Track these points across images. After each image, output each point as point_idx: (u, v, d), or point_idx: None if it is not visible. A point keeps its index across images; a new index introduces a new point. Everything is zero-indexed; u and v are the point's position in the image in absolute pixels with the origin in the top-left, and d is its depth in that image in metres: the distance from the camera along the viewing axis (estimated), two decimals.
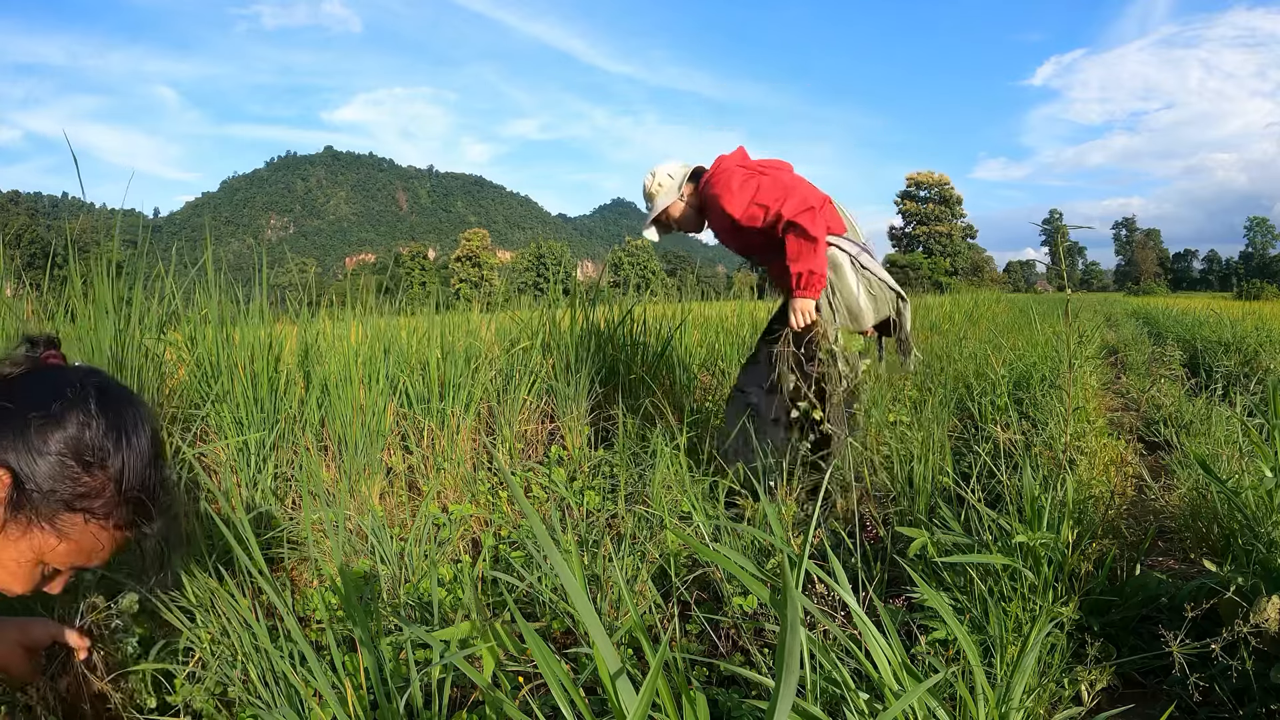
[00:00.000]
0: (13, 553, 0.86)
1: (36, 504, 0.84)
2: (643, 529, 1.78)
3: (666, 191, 2.53)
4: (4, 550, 0.86)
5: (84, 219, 2.94)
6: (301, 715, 1.07)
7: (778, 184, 2.26)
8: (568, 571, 0.73)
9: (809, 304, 2.24)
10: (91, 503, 0.86)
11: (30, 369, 0.89)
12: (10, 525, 0.84)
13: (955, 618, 1.08)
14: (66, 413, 0.85)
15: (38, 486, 0.83)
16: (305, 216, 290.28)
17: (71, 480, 0.85)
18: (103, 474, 0.86)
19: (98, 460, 0.86)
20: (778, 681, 0.70)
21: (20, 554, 0.86)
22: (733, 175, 2.34)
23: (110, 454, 0.86)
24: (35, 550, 0.87)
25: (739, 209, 2.28)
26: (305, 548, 1.77)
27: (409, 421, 2.52)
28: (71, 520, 0.86)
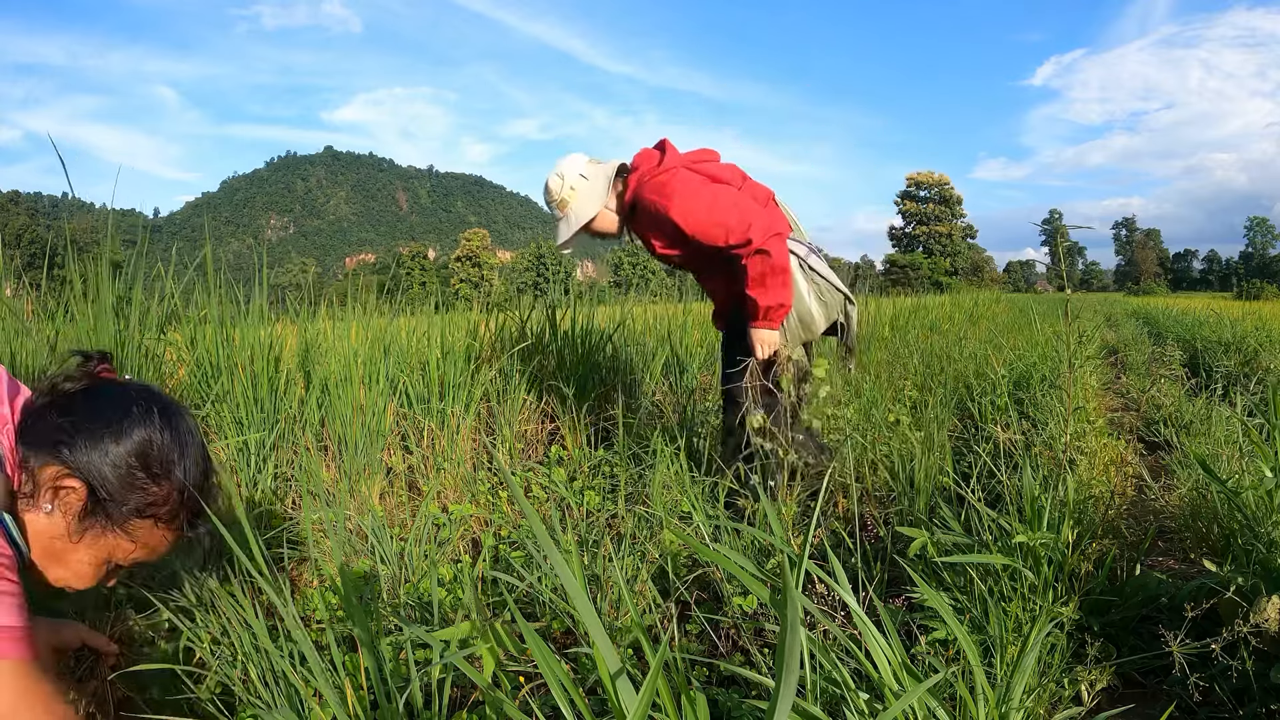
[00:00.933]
0: (85, 555, 0.94)
1: (110, 511, 0.92)
2: (643, 529, 1.78)
3: (585, 197, 2.14)
4: (77, 553, 0.94)
5: (84, 219, 2.94)
6: (301, 715, 1.07)
7: (738, 200, 2.02)
8: (568, 571, 0.73)
9: (774, 335, 2.04)
10: (159, 509, 0.95)
11: (89, 384, 0.97)
12: (85, 532, 0.92)
13: (955, 618, 1.08)
14: (134, 428, 0.94)
15: (110, 496, 0.92)
16: (305, 216, 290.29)
17: (141, 490, 0.93)
18: (168, 483, 0.96)
19: (164, 470, 0.95)
20: (778, 681, 0.70)
21: (93, 556, 0.95)
22: (683, 182, 2.04)
23: (174, 465, 0.96)
24: (107, 552, 0.95)
25: (693, 223, 1.99)
26: (305, 548, 1.77)
27: (409, 421, 2.52)
28: (141, 524, 0.95)
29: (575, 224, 2.15)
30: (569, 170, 2.16)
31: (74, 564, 0.94)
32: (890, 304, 8.01)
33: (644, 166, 2.11)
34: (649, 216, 2.08)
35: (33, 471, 0.90)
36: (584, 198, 2.15)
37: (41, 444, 0.91)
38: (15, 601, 0.82)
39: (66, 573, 0.95)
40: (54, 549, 0.93)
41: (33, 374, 1.71)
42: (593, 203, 2.14)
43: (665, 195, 2.02)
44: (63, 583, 0.97)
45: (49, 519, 0.91)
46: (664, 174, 2.06)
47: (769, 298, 1.99)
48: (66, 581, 0.97)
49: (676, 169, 2.07)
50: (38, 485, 0.90)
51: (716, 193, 2.03)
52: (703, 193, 2.02)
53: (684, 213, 1.99)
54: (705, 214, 1.98)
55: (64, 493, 0.91)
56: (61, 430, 0.91)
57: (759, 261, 1.97)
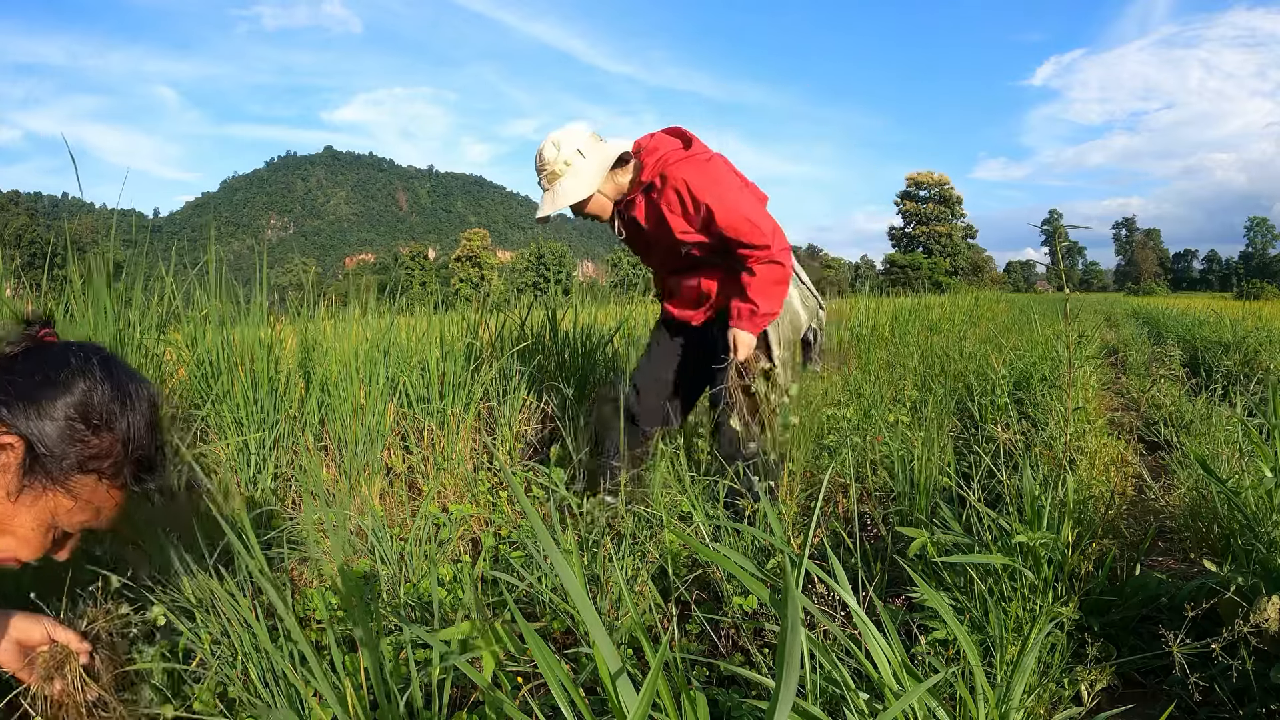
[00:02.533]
0: (27, 518, 0.90)
1: (49, 468, 0.89)
2: (643, 529, 1.78)
3: (579, 176, 2.04)
4: (19, 515, 0.90)
5: (84, 219, 2.94)
6: (301, 715, 1.07)
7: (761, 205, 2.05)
8: (568, 571, 0.73)
9: (754, 339, 2.05)
10: (101, 463, 0.91)
11: (30, 346, 0.93)
12: (25, 491, 0.89)
13: (955, 618, 1.08)
14: (73, 380, 0.90)
15: (49, 450, 0.88)
16: (305, 216, 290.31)
17: (82, 442, 0.90)
18: (110, 435, 0.92)
19: (105, 422, 0.91)
20: (778, 681, 0.70)
21: (35, 518, 0.91)
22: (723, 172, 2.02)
23: (117, 416, 0.92)
24: (50, 513, 0.91)
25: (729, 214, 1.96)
26: (305, 548, 1.77)
27: (409, 421, 2.52)
28: (83, 480, 0.91)
29: (562, 202, 2.05)
30: (567, 142, 2.05)
31: (17, 529, 0.91)
32: (890, 304, 8.01)
33: (664, 149, 2.05)
34: (680, 196, 2.01)
35: None
36: (578, 176, 2.04)
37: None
38: None
39: (12, 541, 0.92)
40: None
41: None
42: (586, 184, 2.05)
43: (707, 178, 1.98)
44: (9, 553, 0.93)
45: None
46: (700, 159, 2.02)
47: (767, 305, 2.00)
48: (13, 551, 0.93)
49: (715, 156, 2.05)
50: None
51: (748, 194, 2.05)
52: (738, 186, 2.02)
53: (721, 200, 1.96)
54: (744, 208, 1.97)
55: (2, 451, 0.87)
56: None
57: (772, 270, 1.98)
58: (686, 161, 2.01)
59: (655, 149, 2.06)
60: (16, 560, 0.94)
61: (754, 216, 1.97)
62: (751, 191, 2.16)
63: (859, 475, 2.25)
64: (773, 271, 1.98)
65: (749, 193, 2.08)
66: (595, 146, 2.07)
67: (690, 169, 2.00)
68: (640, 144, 2.12)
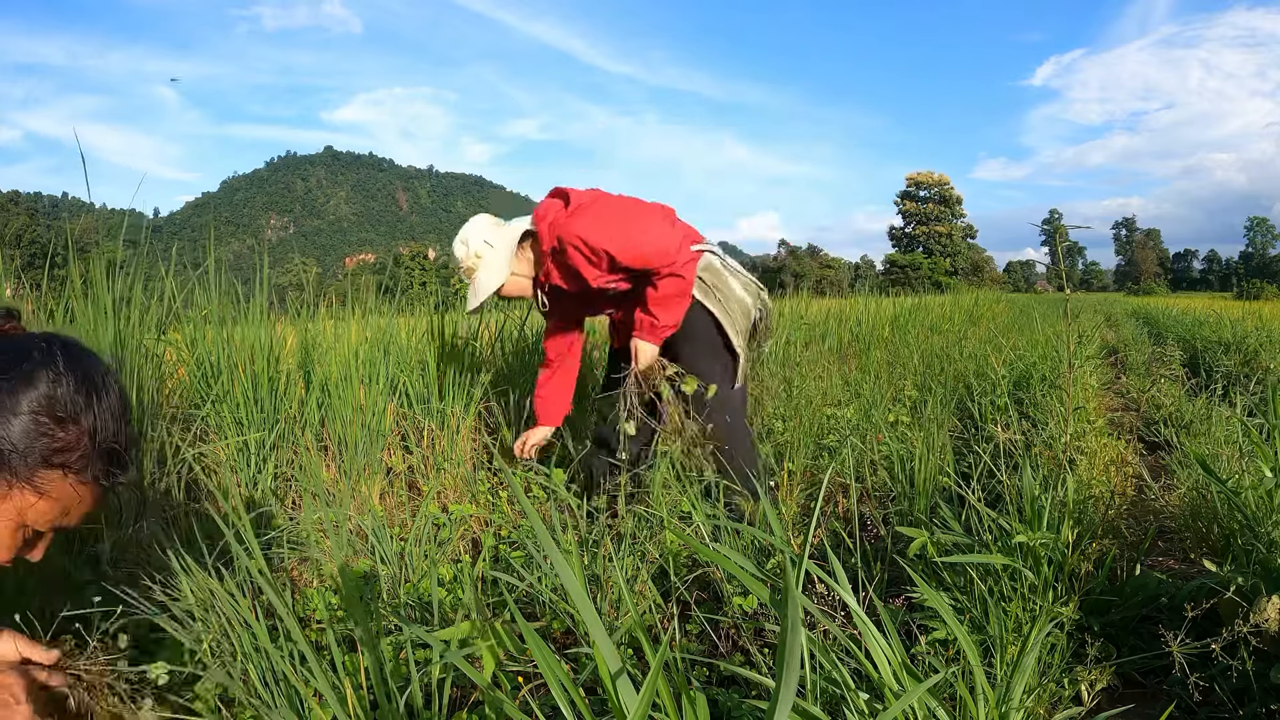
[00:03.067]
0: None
1: (14, 465, 0.85)
2: (643, 529, 1.78)
3: (490, 266, 2.11)
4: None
5: (84, 219, 2.94)
6: (301, 715, 1.07)
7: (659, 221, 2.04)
8: (568, 571, 0.73)
9: (655, 350, 2.09)
10: (68, 456, 0.87)
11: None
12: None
13: (955, 618, 1.08)
14: (36, 372, 0.86)
15: (14, 446, 0.84)
16: (305, 216, 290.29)
17: (47, 437, 0.86)
18: (76, 428, 0.88)
19: (70, 415, 0.87)
20: (778, 681, 0.70)
21: (3, 518, 0.87)
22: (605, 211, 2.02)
23: (83, 408, 0.88)
24: (18, 512, 0.88)
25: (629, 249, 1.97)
26: (305, 548, 1.77)
27: (409, 421, 2.52)
28: (50, 476, 0.87)
29: (482, 293, 2.12)
30: (473, 237, 2.13)
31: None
32: (890, 304, 8.01)
33: (551, 214, 2.09)
34: (580, 251, 2.03)
35: None
36: (488, 266, 2.12)
37: None
38: None
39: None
40: None
41: None
42: (498, 272, 2.11)
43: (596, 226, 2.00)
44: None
45: None
46: (584, 209, 2.04)
47: (668, 317, 2.04)
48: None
49: (596, 199, 2.07)
50: None
51: (643, 214, 2.05)
52: (627, 217, 2.03)
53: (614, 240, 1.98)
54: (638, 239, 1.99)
55: None
56: None
57: (673, 283, 2.01)
58: (572, 218, 2.04)
59: (544, 216, 2.11)
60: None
61: (650, 242, 1.99)
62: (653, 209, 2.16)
63: (859, 475, 2.25)
64: (673, 284, 2.01)
65: (642, 214, 2.07)
66: (499, 234, 2.14)
67: (578, 223, 2.02)
68: (536, 215, 2.16)
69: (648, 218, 2.04)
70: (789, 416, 2.75)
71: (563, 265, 2.10)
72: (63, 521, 0.92)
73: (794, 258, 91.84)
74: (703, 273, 2.15)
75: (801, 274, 71.87)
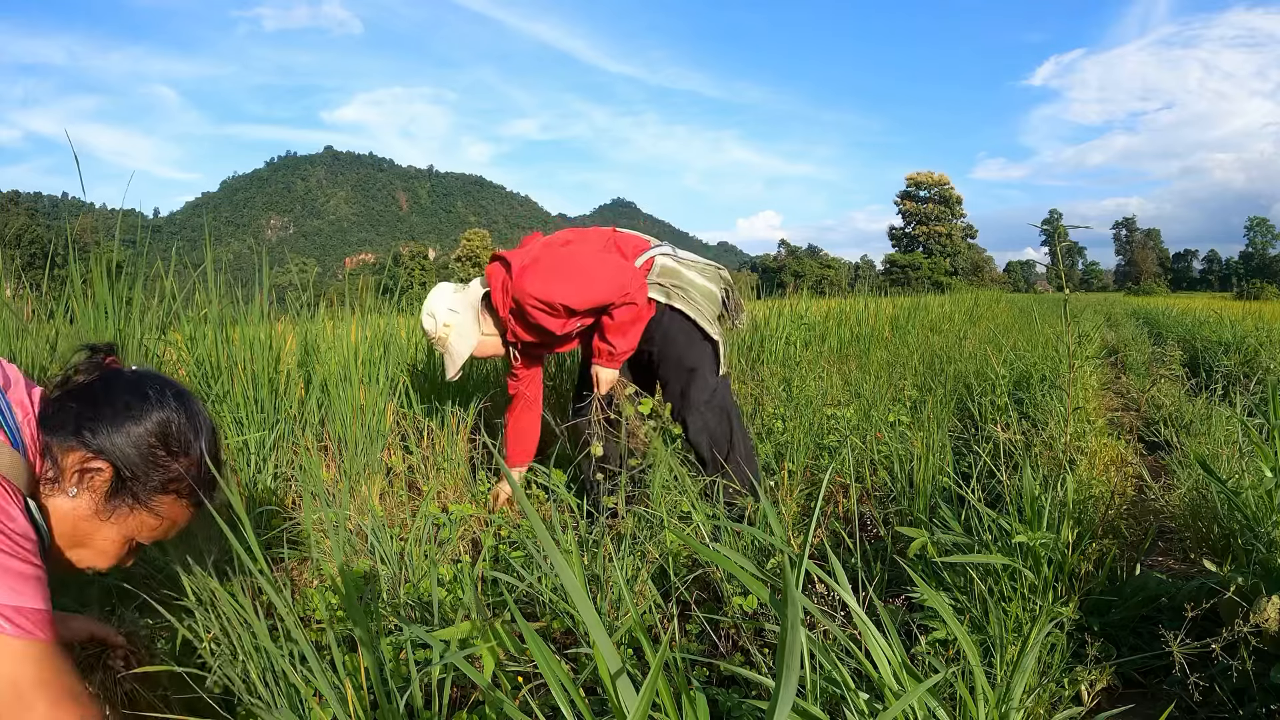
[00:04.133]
0: (111, 533, 0.99)
1: (135, 490, 0.98)
2: (643, 529, 1.78)
3: (460, 334, 2.16)
4: (103, 531, 0.99)
5: (84, 219, 2.94)
6: (301, 715, 1.07)
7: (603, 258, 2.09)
8: (568, 571, 0.73)
9: (615, 374, 2.15)
10: (180, 484, 1.02)
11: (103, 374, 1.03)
12: (115, 512, 0.98)
13: (955, 618, 1.08)
14: (153, 410, 1.00)
15: (134, 475, 0.98)
16: (305, 216, 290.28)
17: (163, 468, 1.00)
18: (187, 459, 1.02)
19: (182, 448, 1.02)
20: (778, 681, 0.70)
21: (119, 534, 1.00)
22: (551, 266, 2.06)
23: (191, 442, 1.03)
24: (133, 529, 1.01)
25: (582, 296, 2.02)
26: (305, 548, 1.77)
27: (409, 421, 2.52)
28: (164, 500, 1.01)
29: (459, 358, 2.17)
30: (438, 308, 2.17)
31: (100, 543, 0.99)
32: (890, 304, 8.01)
33: (500, 277, 2.14)
34: (538, 307, 2.07)
35: (56, 458, 0.95)
36: (459, 333, 2.17)
37: (64, 431, 0.96)
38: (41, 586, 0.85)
39: (90, 553, 1.00)
40: (80, 530, 0.98)
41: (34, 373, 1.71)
42: (468, 338, 2.17)
43: (547, 280, 2.04)
44: (85, 563, 1.01)
45: (73, 502, 0.96)
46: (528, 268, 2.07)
47: (624, 344, 2.10)
48: (90, 562, 1.01)
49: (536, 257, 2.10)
50: (62, 470, 0.95)
51: (587, 258, 2.10)
52: (575, 266, 2.07)
53: (567, 291, 2.02)
54: (588, 284, 2.03)
55: (90, 475, 0.96)
56: (83, 416, 0.97)
57: (627, 311, 2.06)
58: (522, 277, 2.07)
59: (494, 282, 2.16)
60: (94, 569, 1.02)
61: (601, 283, 2.03)
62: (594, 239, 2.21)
63: (859, 475, 2.25)
64: (628, 312, 2.06)
65: (586, 258, 2.10)
66: (461, 300, 2.19)
67: (529, 281, 2.06)
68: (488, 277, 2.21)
69: (592, 260, 2.10)
70: (789, 416, 2.75)
71: (525, 323, 2.15)
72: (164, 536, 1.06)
73: (794, 258, 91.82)
74: (659, 278, 2.18)
75: (801, 274, 71.86)
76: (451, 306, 2.18)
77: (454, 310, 2.17)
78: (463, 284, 2.27)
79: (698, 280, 2.21)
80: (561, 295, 2.02)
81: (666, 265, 2.21)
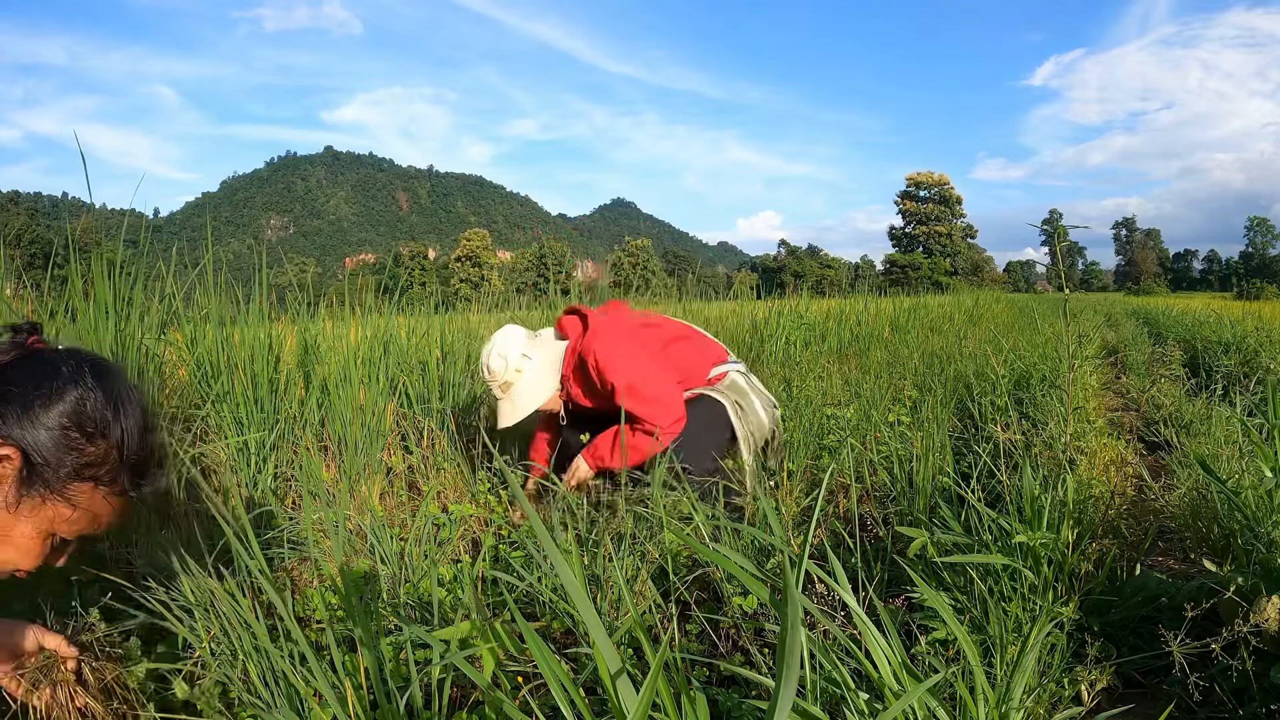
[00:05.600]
0: (26, 528, 0.91)
1: (47, 477, 0.89)
2: (643, 529, 1.78)
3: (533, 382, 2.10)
4: (18, 526, 0.91)
5: (85, 219, 2.95)
6: (301, 715, 1.07)
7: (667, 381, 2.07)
8: (568, 571, 0.73)
9: (589, 473, 2.11)
10: (98, 470, 0.92)
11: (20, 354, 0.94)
12: (24, 501, 0.89)
13: (955, 618, 1.08)
14: (65, 388, 0.90)
15: (45, 460, 0.89)
16: (305, 216, 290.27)
17: (77, 450, 0.90)
18: (104, 442, 0.92)
19: (99, 430, 0.92)
20: (778, 681, 0.70)
21: (34, 528, 0.91)
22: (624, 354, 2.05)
23: (110, 423, 0.93)
24: (49, 522, 0.92)
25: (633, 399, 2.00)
26: (305, 548, 1.77)
27: (409, 421, 2.52)
28: (80, 488, 0.92)
29: (524, 408, 2.10)
30: (511, 350, 2.10)
31: (17, 539, 0.91)
32: (890, 304, 8.01)
33: (573, 334, 2.14)
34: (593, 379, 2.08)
35: None
36: (529, 384, 2.10)
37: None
38: None
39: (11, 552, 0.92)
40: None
41: None
42: (539, 391, 2.11)
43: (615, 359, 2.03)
44: (9, 565, 0.94)
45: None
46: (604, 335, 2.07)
47: (617, 462, 2.03)
48: (13, 563, 0.93)
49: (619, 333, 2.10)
50: None
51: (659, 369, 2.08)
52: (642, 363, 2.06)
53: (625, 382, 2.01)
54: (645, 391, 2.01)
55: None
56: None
57: (644, 440, 2.02)
58: (594, 338, 2.07)
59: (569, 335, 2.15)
60: (19, 571, 0.95)
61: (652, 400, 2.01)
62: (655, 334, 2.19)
63: (859, 475, 2.25)
64: (645, 441, 2.02)
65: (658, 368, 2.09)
66: (537, 350, 2.14)
67: (598, 345, 2.05)
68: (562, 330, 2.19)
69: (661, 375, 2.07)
70: (789, 416, 2.75)
71: (584, 380, 2.13)
72: (90, 530, 0.96)
73: (794, 258, 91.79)
74: (727, 389, 2.19)
75: (801, 274, 71.85)
76: (525, 352, 2.10)
77: (527, 357, 2.10)
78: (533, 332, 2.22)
79: (757, 407, 2.22)
80: (618, 378, 2.00)
81: (737, 383, 2.22)
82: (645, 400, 2.00)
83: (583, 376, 2.13)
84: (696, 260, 56.43)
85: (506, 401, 2.12)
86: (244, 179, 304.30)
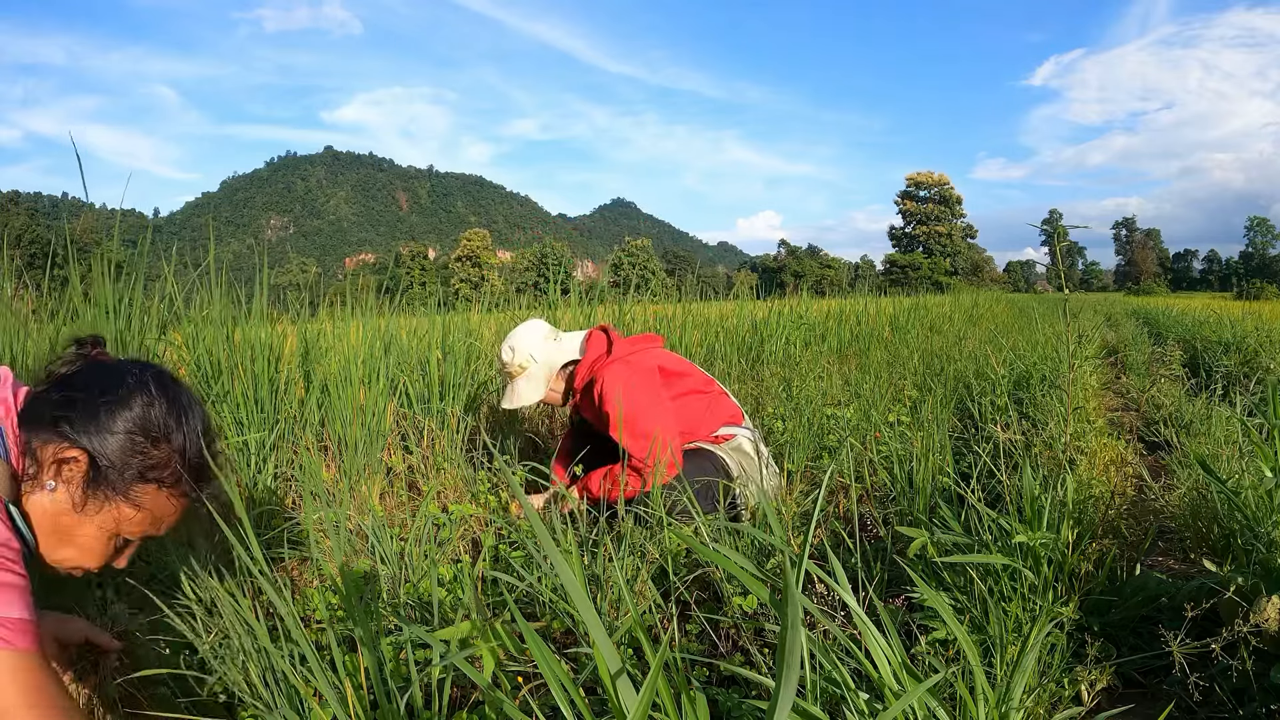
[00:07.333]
0: (91, 529, 0.96)
1: (112, 480, 0.95)
2: (643, 529, 1.78)
3: (531, 382, 2.21)
4: (84, 526, 0.95)
5: (84, 219, 2.95)
6: (301, 715, 1.07)
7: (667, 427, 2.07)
8: (568, 571, 0.73)
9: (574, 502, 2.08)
10: (161, 473, 0.98)
11: (85, 364, 1.00)
12: (90, 503, 0.94)
13: (955, 618, 1.08)
14: (131, 396, 0.96)
15: (112, 463, 0.94)
16: (305, 216, 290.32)
17: (142, 454, 0.96)
18: (168, 446, 0.98)
19: (163, 434, 0.98)
20: (778, 681, 0.70)
21: (99, 528, 0.96)
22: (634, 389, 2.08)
23: (173, 428, 0.99)
24: (114, 522, 0.97)
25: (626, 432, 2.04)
26: (305, 548, 1.77)
27: (409, 421, 2.52)
28: (145, 490, 0.97)
29: (518, 402, 2.23)
30: (521, 348, 2.22)
31: (82, 539, 0.96)
32: (890, 304, 8.01)
33: (594, 354, 2.21)
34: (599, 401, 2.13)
35: (35, 453, 0.92)
36: (530, 381, 2.22)
37: (41, 424, 0.93)
38: (22, 594, 0.83)
39: (75, 551, 0.97)
40: (61, 526, 0.95)
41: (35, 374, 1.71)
42: (536, 389, 2.23)
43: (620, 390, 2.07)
44: (72, 563, 0.98)
45: (52, 496, 0.93)
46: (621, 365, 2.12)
47: (598, 492, 2.07)
48: (76, 561, 0.98)
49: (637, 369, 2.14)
50: (40, 464, 0.92)
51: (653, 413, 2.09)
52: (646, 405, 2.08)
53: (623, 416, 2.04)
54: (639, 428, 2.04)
55: (66, 466, 0.93)
56: (59, 406, 0.94)
57: (634, 478, 2.04)
58: (610, 365, 2.13)
59: (589, 354, 2.21)
60: (83, 570, 0.99)
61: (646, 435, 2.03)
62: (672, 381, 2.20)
63: (859, 475, 2.25)
64: (634, 479, 2.04)
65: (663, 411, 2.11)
66: (546, 353, 2.23)
67: (609, 374, 2.11)
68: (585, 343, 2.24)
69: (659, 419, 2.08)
70: (789, 416, 2.75)
71: (588, 399, 2.20)
72: (153, 531, 1.02)
73: (794, 258, 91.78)
74: (732, 450, 2.19)
75: (801, 274, 71.84)
76: (534, 354, 2.22)
77: (534, 359, 2.21)
78: (558, 332, 2.29)
79: (760, 476, 2.21)
80: (614, 406, 2.05)
81: (744, 448, 2.22)
82: (636, 436, 2.04)
83: (588, 396, 2.21)
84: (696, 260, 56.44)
85: (510, 390, 2.26)
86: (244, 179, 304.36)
